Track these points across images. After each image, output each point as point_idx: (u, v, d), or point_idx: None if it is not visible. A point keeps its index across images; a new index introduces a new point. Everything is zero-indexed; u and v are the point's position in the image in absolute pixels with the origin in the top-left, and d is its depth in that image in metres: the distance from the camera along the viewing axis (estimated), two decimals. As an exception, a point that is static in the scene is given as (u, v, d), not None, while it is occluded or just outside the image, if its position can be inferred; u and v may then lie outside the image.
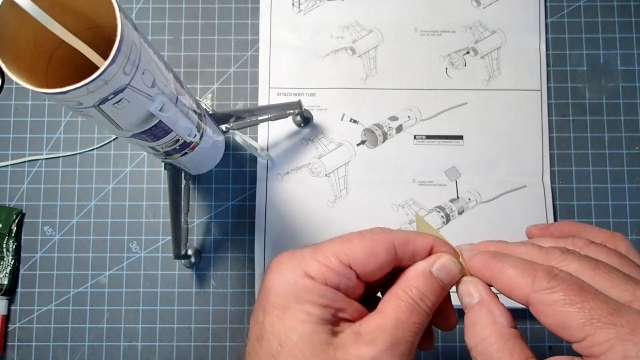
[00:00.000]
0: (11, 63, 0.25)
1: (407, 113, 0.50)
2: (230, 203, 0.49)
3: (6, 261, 0.48)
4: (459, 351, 0.47)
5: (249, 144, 0.46)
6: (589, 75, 0.51)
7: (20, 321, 0.48)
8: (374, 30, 0.51)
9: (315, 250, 0.25)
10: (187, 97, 0.35)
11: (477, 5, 0.51)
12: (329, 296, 0.24)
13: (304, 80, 0.51)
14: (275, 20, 0.51)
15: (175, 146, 0.37)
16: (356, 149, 0.50)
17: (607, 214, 0.49)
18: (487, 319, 0.24)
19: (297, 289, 0.24)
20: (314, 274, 0.24)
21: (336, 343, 0.23)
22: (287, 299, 0.24)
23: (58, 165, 0.50)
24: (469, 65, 0.51)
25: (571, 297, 0.21)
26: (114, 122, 0.29)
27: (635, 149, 0.50)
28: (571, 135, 0.50)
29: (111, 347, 0.48)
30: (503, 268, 0.24)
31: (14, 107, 0.51)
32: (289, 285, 0.24)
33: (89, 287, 0.48)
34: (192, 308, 0.48)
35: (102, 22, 0.27)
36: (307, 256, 0.25)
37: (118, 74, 0.25)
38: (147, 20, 0.52)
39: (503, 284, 0.24)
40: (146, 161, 0.50)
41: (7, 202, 0.49)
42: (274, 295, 0.24)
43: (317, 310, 0.24)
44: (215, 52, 0.51)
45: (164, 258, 0.49)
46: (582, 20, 0.51)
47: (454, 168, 0.49)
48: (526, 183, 0.49)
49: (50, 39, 0.26)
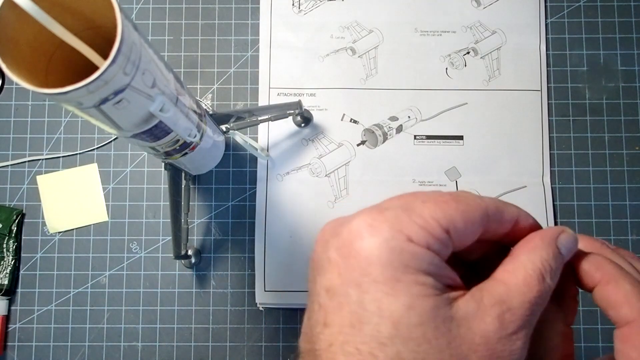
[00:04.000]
0: (11, 63, 0.25)
1: (407, 113, 0.50)
2: (230, 203, 0.49)
3: (6, 261, 0.48)
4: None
5: (249, 144, 0.46)
6: (589, 76, 0.51)
7: (20, 321, 0.48)
8: (374, 31, 0.51)
9: (410, 211, 0.21)
10: (187, 97, 0.35)
11: (477, 6, 0.51)
12: (436, 263, 0.20)
13: (304, 80, 0.51)
14: (276, 20, 0.51)
15: (176, 146, 0.37)
16: (356, 149, 0.50)
17: (607, 214, 0.49)
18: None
19: (405, 256, 0.19)
20: (417, 240, 0.20)
21: (458, 316, 0.20)
22: (396, 270, 0.19)
23: (58, 165, 0.50)
24: (469, 66, 0.51)
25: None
26: (114, 122, 0.29)
27: (635, 149, 0.50)
28: (571, 136, 0.50)
29: (111, 347, 0.48)
30: (618, 279, 0.22)
31: (14, 108, 0.51)
32: (395, 253, 0.19)
33: (89, 287, 0.48)
34: (192, 308, 0.48)
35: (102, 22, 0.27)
36: (403, 218, 0.20)
37: (118, 75, 0.25)
38: (147, 21, 0.52)
39: (611, 295, 0.22)
40: (146, 161, 0.50)
41: (7, 202, 0.49)
42: (377, 266, 0.19)
43: (430, 280, 0.20)
44: (215, 52, 0.51)
45: (164, 258, 0.49)
46: (582, 21, 0.51)
47: (454, 168, 0.49)
48: (526, 183, 0.49)
49: (51, 39, 0.26)
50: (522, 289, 0.21)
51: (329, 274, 0.20)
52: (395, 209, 0.21)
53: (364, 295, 0.19)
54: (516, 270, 0.21)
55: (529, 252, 0.22)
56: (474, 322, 0.20)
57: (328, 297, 0.20)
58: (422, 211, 0.21)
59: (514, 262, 0.22)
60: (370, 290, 0.19)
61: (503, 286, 0.21)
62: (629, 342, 0.21)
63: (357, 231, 0.20)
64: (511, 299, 0.21)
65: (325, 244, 0.21)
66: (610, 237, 0.49)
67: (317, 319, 0.20)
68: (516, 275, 0.21)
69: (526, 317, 0.20)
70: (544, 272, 0.21)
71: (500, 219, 0.23)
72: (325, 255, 0.21)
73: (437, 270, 0.20)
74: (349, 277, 0.20)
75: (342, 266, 0.20)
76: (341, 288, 0.20)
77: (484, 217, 0.22)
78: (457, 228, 0.21)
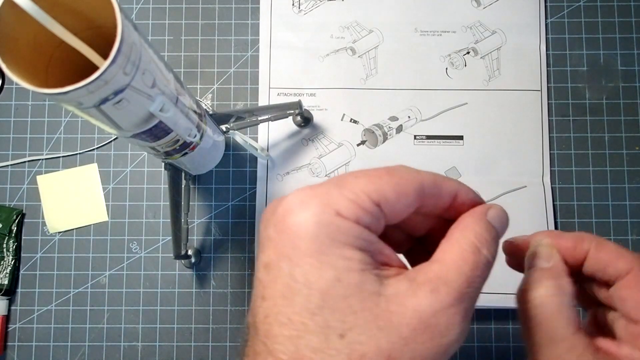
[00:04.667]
0: (11, 63, 0.25)
1: (407, 113, 0.50)
2: (230, 203, 0.49)
3: (6, 261, 0.48)
4: (459, 351, 0.47)
5: (249, 144, 0.46)
6: (589, 75, 0.51)
7: (20, 321, 0.48)
8: (374, 30, 0.51)
9: (341, 186, 0.21)
10: (187, 97, 0.35)
11: (477, 5, 0.51)
12: (365, 237, 0.20)
13: (304, 80, 0.51)
14: (276, 20, 0.51)
15: (176, 146, 0.37)
16: (356, 149, 0.50)
17: (607, 214, 0.49)
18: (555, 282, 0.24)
19: (332, 230, 0.20)
20: (346, 213, 0.20)
21: (388, 293, 0.20)
22: (322, 243, 0.20)
23: (58, 165, 0.50)
24: (469, 66, 0.51)
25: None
26: (114, 122, 0.29)
27: (635, 149, 0.50)
28: (571, 135, 0.50)
29: (111, 347, 0.48)
30: (601, 243, 0.25)
31: (14, 107, 0.51)
32: (322, 226, 0.20)
33: (89, 287, 0.48)
34: (192, 308, 0.48)
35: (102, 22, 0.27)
36: (333, 192, 0.21)
37: (118, 75, 0.25)
38: (147, 21, 0.52)
39: (600, 257, 0.25)
40: (146, 161, 0.50)
41: (7, 202, 0.49)
42: (305, 240, 0.20)
43: (357, 254, 0.20)
44: (215, 52, 0.51)
45: (164, 258, 0.49)
46: (582, 21, 0.51)
47: (454, 168, 0.49)
48: (526, 183, 0.49)
49: (51, 39, 0.26)
50: (457, 262, 0.21)
51: (267, 250, 0.21)
52: (328, 184, 0.21)
53: (294, 268, 0.20)
54: (451, 247, 0.22)
55: (462, 229, 0.23)
56: (406, 298, 0.20)
57: (265, 272, 0.21)
58: (353, 185, 0.21)
59: (449, 241, 0.22)
60: (300, 263, 0.20)
61: (438, 264, 0.21)
62: (635, 286, 0.24)
63: (289, 207, 0.21)
64: (446, 274, 0.21)
65: (266, 222, 0.22)
66: (610, 237, 0.49)
67: (257, 293, 0.21)
68: (452, 252, 0.22)
69: (464, 290, 0.20)
70: (478, 245, 0.22)
71: (438, 192, 0.23)
72: (265, 233, 0.22)
73: (366, 244, 0.21)
74: (282, 251, 0.20)
75: (277, 241, 0.21)
76: (276, 262, 0.21)
77: (419, 190, 0.22)
78: (389, 200, 0.21)
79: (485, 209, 0.24)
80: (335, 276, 0.20)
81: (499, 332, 0.47)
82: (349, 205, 0.20)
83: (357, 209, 0.20)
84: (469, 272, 0.21)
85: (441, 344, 0.20)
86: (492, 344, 0.47)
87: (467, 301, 0.21)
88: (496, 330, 0.47)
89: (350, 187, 0.21)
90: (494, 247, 0.22)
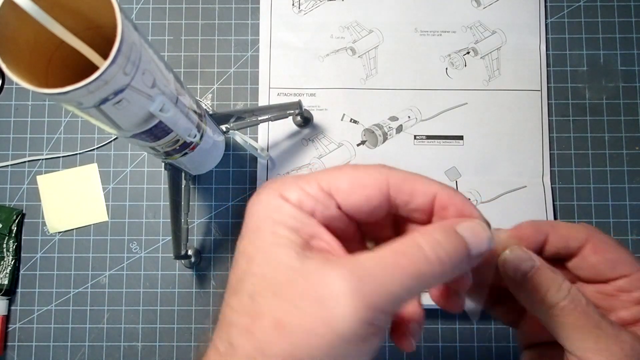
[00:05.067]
0: (11, 63, 0.25)
1: (407, 113, 0.50)
2: (230, 203, 0.49)
3: (6, 261, 0.48)
4: (459, 351, 0.47)
5: (249, 144, 0.46)
6: (589, 76, 0.51)
7: (20, 321, 0.48)
8: (374, 31, 0.51)
9: (300, 177, 0.23)
10: (187, 97, 0.35)
11: (477, 6, 0.51)
12: (300, 219, 0.22)
13: (304, 80, 0.51)
14: (276, 20, 0.51)
15: (176, 146, 0.37)
16: (356, 149, 0.50)
17: (607, 214, 0.49)
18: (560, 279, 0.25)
19: (270, 209, 0.22)
20: (289, 196, 0.22)
21: (299, 267, 0.21)
22: (261, 220, 0.22)
23: (58, 165, 0.50)
24: (469, 66, 0.51)
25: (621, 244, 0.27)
26: (114, 122, 0.29)
27: (635, 149, 0.50)
28: (571, 135, 0.50)
29: (111, 347, 0.48)
30: (555, 223, 0.27)
31: (14, 107, 0.51)
32: (265, 206, 0.23)
33: (89, 287, 0.48)
34: (192, 308, 0.48)
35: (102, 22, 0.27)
36: (288, 181, 0.23)
37: (118, 75, 0.25)
38: (147, 21, 0.52)
39: (561, 234, 0.27)
40: (146, 161, 0.50)
41: (7, 202, 0.49)
42: (250, 218, 0.23)
43: (286, 232, 0.22)
44: (215, 52, 0.51)
45: (164, 258, 0.49)
46: (582, 21, 0.51)
47: (454, 168, 0.49)
48: (526, 183, 0.49)
49: (51, 39, 0.26)
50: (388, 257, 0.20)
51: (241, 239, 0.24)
52: (299, 174, 0.24)
53: (240, 241, 0.23)
54: (391, 244, 0.21)
55: (420, 231, 0.21)
56: (312, 274, 0.20)
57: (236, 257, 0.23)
58: (311, 176, 0.23)
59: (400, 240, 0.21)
60: (243, 237, 0.23)
61: (368, 254, 0.21)
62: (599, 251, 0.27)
63: (256, 192, 0.23)
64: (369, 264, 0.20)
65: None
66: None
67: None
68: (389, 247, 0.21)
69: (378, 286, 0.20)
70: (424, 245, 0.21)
71: (410, 191, 0.23)
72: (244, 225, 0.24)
73: (299, 225, 0.22)
74: (243, 233, 0.23)
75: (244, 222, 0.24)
76: (239, 244, 0.23)
77: (381, 183, 0.23)
78: (342, 189, 0.22)
79: (459, 220, 0.22)
80: (261, 247, 0.22)
81: (498, 332, 0.47)
82: (295, 190, 0.22)
83: (301, 194, 0.22)
84: (397, 263, 0.20)
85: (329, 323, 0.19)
86: (492, 344, 0.47)
87: (383, 296, 0.20)
88: (496, 330, 0.47)
89: (308, 177, 0.23)
90: (451, 258, 0.21)
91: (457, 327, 0.47)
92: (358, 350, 0.20)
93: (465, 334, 0.47)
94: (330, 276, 0.20)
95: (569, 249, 0.27)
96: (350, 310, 0.19)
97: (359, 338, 0.20)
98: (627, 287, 0.27)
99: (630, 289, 0.27)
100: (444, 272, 0.21)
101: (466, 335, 0.47)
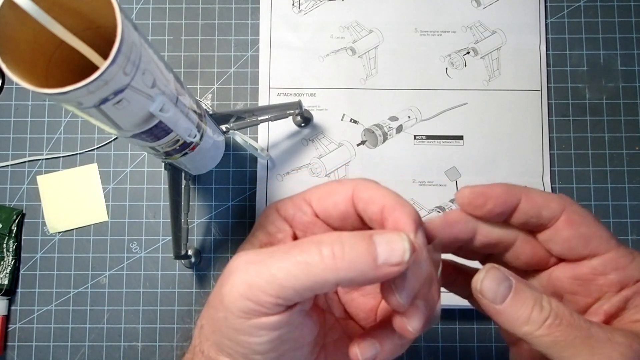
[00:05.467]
0: (11, 63, 0.25)
1: (407, 113, 0.50)
2: (230, 203, 0.49)
3: (6, 261, 0.48)
4: (459, 351, 0.47)
5: (249, 144, 0.46)
6: (589, 76, 0.51)
7: (20, 321, 0.48)
8: (374, 30, 0.51)
9: (299, 194, 0.28)
10: (187, 97, 0.35)
11: (477, 6, 0.51)
12: (276, 223, 0.28)
13: (304, 80, 0.51)
14: (276, 20, 0.51)
15: (176, 146, 0.37)
16: (356, 149, 0.50)
17: (607, 214, 0.49)
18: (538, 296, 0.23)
19: (261, 219, 0.29)
20: (279, 208, 0.28)
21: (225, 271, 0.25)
22: (255, 228, 0.29)
23: (58, 165, 0.50)
24: (469, 66, 0.51)
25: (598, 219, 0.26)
26: (114, 122, 0.29)
27: (635, 149, 0.50)
28: (571, 136, 0.50)
29: (111, 347, 0.48)
30: (530, 190, 0.26)
31: (14, 107, 0.51)
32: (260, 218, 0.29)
33: (89, 287, 0.48)
34: (192, 308, 0.48)
35: (102, 22, 0.27)
36: (289, 199, 0.28)
37: (118, 75, 0.25)
38: (147, 20, 0.52)
39: (534, 201, 0.25)
40: (146, 161, 0.50)
41: (7, 202, 0.49)
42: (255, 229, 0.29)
43: (261, 234, 0.28)
44: (215, 52, 0.51)
45: (164, 258, 0.49)
46: (582, 21, 0.51)
47: (454, 168, 0.49)
48: (526, 183, 0.48)
49: (51, 39, 0.26)
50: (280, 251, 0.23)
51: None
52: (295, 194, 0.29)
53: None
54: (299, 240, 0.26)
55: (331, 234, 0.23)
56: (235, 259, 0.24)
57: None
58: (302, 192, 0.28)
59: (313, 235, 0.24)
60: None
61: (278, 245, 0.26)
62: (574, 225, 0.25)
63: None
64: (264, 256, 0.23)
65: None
66: (610, 237, 0.49)
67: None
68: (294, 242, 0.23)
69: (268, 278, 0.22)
70: (321, 245, 0.22)
71: (367, 200, 0.26)
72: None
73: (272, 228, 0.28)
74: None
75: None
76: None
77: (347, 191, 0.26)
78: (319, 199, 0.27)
79: (382, 231, 0.23)
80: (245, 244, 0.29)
81: (498, 332, 0.47)
82: (286, 204, 0.28)
83: (288, 205, 0.28)
84: (281, 252, 0.22)
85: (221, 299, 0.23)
86: (493, 344, 0.47)
87: (257, 276, 0.22)
88: (496, 330, 0.47)
89: (300, 194, 0.28)
90: (350, 261, 0.21)
91: (457, 327, 0.47)
92: (259, 325, 0.22)
93: (465, 334, 0.47)
94: (234, 260, 0.23)
95: (541, 218, 0.26)
96: (230, 287, 0.22)
97: (243, 313, 0.22)
98: (602, 268, 0.25)
99: (604, 271, 0.25)
100: (338, 271, 0.21)
101: (466, 335, 0.47)
